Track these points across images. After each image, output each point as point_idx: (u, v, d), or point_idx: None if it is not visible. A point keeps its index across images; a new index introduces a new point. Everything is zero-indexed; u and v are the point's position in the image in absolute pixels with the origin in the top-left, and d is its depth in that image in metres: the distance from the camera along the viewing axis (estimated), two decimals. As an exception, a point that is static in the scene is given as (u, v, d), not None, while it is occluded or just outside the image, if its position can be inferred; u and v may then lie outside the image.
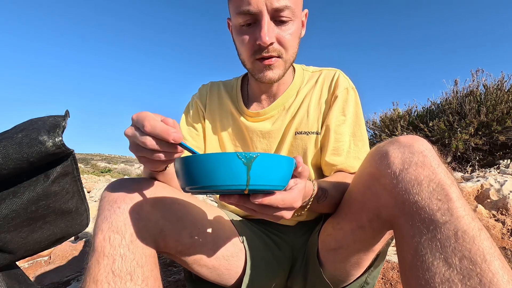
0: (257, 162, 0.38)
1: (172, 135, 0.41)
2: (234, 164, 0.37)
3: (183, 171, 0.41)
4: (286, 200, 0.44)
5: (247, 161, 0.37)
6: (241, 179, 0.38)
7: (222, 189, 0.39)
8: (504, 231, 1.47)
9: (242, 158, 0.37)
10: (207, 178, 0.38)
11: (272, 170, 0.40)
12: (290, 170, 0.44)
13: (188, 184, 0.41)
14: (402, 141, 0.51)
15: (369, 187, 0.55)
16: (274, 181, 0.41)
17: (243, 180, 0.38)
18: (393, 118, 3.91)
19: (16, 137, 0.51)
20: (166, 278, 1.21)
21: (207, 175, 0.38)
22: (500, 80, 3.25)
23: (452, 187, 0.45)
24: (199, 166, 0.38)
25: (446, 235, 0.41)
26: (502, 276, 0.37)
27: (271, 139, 0.80)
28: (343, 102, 0.78)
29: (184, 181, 0.41)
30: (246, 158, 0.37)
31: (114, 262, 0.49)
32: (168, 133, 0.41)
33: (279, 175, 0.41)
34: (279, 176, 0.41)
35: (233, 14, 0.68)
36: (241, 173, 0.38)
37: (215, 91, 0.89)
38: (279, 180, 0.42)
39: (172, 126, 0.43)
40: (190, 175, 0.40)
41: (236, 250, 0.69)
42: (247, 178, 0.38)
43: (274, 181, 0.41)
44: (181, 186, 0.43)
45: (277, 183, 0.41)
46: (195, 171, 0.39)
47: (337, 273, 0.68)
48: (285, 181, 0.43)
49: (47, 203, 0.57)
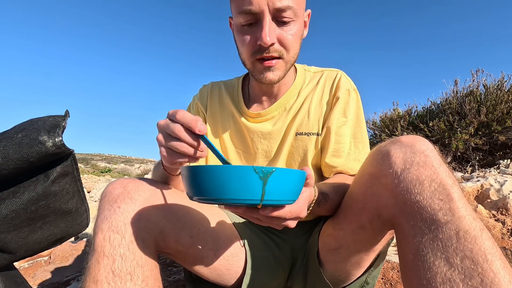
0: (273, 176, 0.37)
1: (198, 126, 0.46)
2: (250, 178, 0.36)
3: (193, 180, 0.39)
4: (294, 211, 0.45)
5: (264, 175, 0.36)
6: (256, 193, 0.37)
7: (234, 202, 0.38)
8: (504, 231, 1.47)
9: (258, 173, 0.36)
10: (220, 190, 0.37)
11: (287, 184, 0.39)
12: (302, 183, 0.43)
13: (197, 194, 0.39)
14: (404, 141, 0.51)
15: (370, 187, 0.55)
16: (288, 195, 0.40)
17: (258, 195, 0.37)
18: (393, 118, 3.91)
19: (16, 137, 0.50)
20: (166, 278, 1.21)
21: (220, 187, 0.37)
22: (500, 80, 3.25)
23: (454, 187, 0.44)
24: (212, 178, 0.37)
25: (448, 235, 0.41)
26: (504, 276, 0.37)
27: (271, 140, 0.79)
28: (345, 103, 0.77)
29: (193, 191, 0.40)
30: (263, 173, 0.36)
31: (114, 262, 0.49)
32: (196, 123, 0.46)
33: (293, 189, 0.41)
34: (293, 190, 0.41)
35: (235, 13, 0.68)
36: (257, 188, 0.36)
37: (216, 91, 0.88)
38: (292, 194, 0.41)
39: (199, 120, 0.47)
40: (201, 186, 0.38)
41: (236, 250, 0.69)
42: (262, 192, 0.37)
43: (288, 196, 0.40)
44: (188, 195, 0.42)
45: (290, 197, 0.41)
46: (207, 182, 0.37)
47: (337, 273, 0.68)
48: (297, 195, 0.43)
49: (47, 203, 0.57)
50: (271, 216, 0.43)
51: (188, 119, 0.46)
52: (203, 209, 0.68)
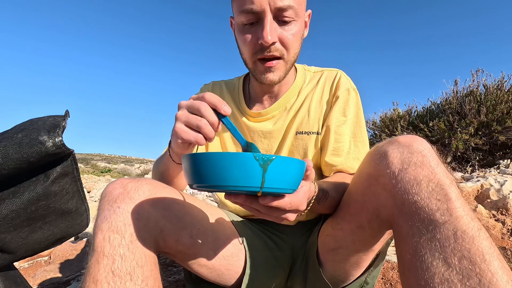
0: (273, 164, 0.37)
1: (224, 107, 0.49)
2: (250, 165, 0.36)
3: (194, 167, 0.39)
4: (293, 203, 0.44)
5: (264, 163, 0.37)
6: (256, 180, 0.37)
7: (234, 189, 0.38)
8: (504, 231, 1.47)
9: (258, 160, 0.36)
10: (220, 177, 0.37)
11: (286, 173, 0.39)
12: (302, 173, 0.43)
13: (197, 182, 0.40)
14: (401, 141, 0.51)
15: (368, 187, 0.55)
16: (288, 184, 0.40)
17: (258, 182, 0.37)
18: (393, 118, 3.91)
19: (16, 137, 0.51)
20: (166, 278, 1.21)
21: (220, 174, 0.37)
22: (500, 80, 3.25)
23: (451, 187, 0.45)
24: (213, 164, 0.37)
25: (445, 235, 0.41)
26: (502, 276, 0.37)
27: (272, 139, 0.80)
28: (344, 103, 0.78)
29: (193, 178, 0.40)
30: (263, 160, 0.37)
31: (113, 262, 0.49)
32: (222, 104, 0.49)
33: (293, 178, 0.41)
34: (293, 180, 0.41)
35: (236, 13, 0.68)
36: (257, 175, 0.37)
37: (217, 91, 0.89)
38: (292, 183, 0.41)
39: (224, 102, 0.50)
40: (202, 173, 0.38)
41: (236, 250, 0.69)
42: (262, 180, 0.37)
43: (288, 184, 0.40)
44: (189, 183, 0.42)
45: (290, 186, 0.41)
46: (208, 169, 0.38)
47: (337, 273, 0.68)
48: (297, 185, 0.43)
49: (47, 203, 0.57)
50: (270, 207, 0.43)
51: (215, 98, 0.49)
52: (203, 209, 0.68)
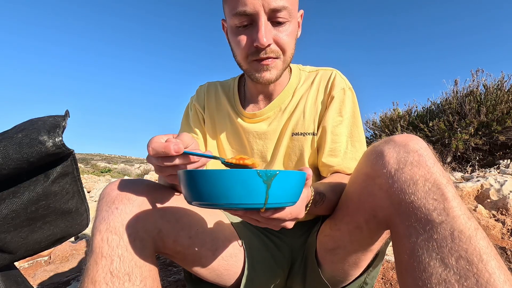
0: (277, 179, 0.36)
1: (172, 149, 0.43)
2: (253, 182, 0.35)
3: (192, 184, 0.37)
4: (293, 213, 0.45)
5: (267, 179, 0.35)
6: (259, 197, 0.35)
7: (237, 207, 0.37)
8: (504, 231, 1.47)
9: (262, 176, 0.35)
10: (222, 195, 0.35)
11: (289, 186, 0.38)
12: (303, 184, 0.43)
13: (197, 199, 0.38)
14: (397, 140, 0.51)
15: (365, 187, 0.55)
16: (290, 197, 0.40)
17: (262, 199, 0.36)
18: (393, 118, 3.91)
19: (16, 137, 0.51)
20: (166, 278, 1.22)
21: (222, 192, 0.35)
22: (500, 80, 3.25)
23: (448, 186, 0.44)
24: (213, 182, 0.35)
25: (443, 235, 0.41)
26: (499, 276, 0.37)
27: (267, 140, 0.79)
28: (340, 102, 0.77)
29: (192, 196, 0.38)
30: (267, 176, 0.35)
31: (112, 262, 0.49)
32: (169, 148, 0.43)
33: (295, 191, 0.40)
34: (295, 192, 0.40)
35: (229, 15, 0.67)
36: (260, 192, 0.35)
37: (212, 92, 0.88)
38: (294, 196, 0.41)
39: (172, 141, 0.44)
40: (202, 190, 0.36)
41: (235, 250, 0.69)
42: (266, 196, 0.36)
43: (290, 198, 0.40)
44: (187, 200, 0.40)
45: (292, 199, 0.40)
46: (208, 187, 0.36)
47: (336, 274, 0.68)
48: (298, 197, 0.42)
49: (47, 203, 0.57)
50: (271, 218, 0.43)
51: (161, 149, 0.44)
52: (202, 209, 0.68)
